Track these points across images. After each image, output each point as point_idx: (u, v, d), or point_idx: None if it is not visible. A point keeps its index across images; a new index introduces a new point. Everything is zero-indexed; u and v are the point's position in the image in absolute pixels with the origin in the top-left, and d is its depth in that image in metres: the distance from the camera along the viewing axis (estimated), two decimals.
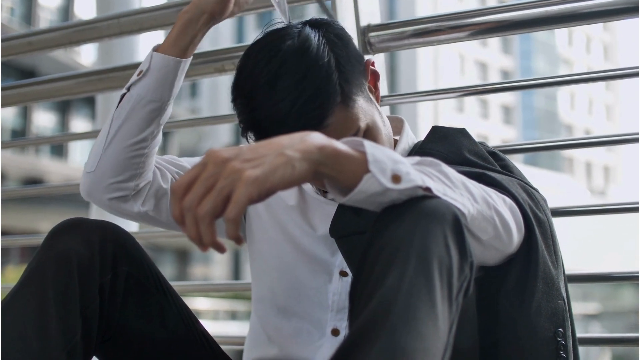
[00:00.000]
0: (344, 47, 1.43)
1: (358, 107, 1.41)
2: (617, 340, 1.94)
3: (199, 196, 1.02)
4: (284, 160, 1.03)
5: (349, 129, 1.40)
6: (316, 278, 1.55)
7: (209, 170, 1.03)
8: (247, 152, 1.04)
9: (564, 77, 1.97)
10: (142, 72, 1.50)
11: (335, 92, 1.37)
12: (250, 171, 1.00)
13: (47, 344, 1.26)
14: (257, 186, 1.00)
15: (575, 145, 1.99)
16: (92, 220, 1.41)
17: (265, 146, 1.05)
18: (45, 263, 1.32)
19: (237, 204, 0.99)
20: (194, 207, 1.02)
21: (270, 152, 1.04)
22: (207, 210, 1.01)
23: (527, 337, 1.33)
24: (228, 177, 1.01)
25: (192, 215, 1.02)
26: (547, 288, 1.35)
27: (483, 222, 1.19)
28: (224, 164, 1.02)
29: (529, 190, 1.41)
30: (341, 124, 1.38)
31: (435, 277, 1.03)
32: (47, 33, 2.46)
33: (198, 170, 1.04)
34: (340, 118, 1.38)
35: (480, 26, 1.90)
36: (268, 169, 1.01)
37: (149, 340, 1.44)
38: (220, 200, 1.01)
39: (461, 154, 1.45)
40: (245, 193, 0.99)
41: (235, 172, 1.01)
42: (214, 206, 1.01)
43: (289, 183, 1.04)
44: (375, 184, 1.08)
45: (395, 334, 0.97)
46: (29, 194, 3.26)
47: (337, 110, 1.37)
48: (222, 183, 1.01)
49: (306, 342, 1.55)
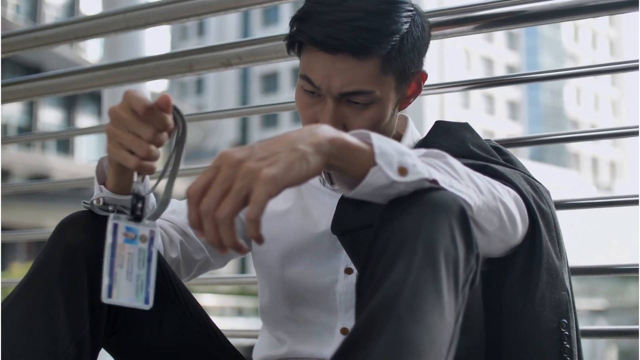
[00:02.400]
0: (420, 34, 1.44)
1: (385, 80, 1.41)
2: (619, 333, 1.93)
3: (216, 199, 1.02)
4: (298, 155, 1.03)
5: (366, 82, 1.39)
6: (322, 282, 1.54)
7: (224, 173, 1.03)
8: (260, 150, 1.04)
9: (565, 70, 1.98)
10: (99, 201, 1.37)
11: (386, 46, 1.37)
12: (266, 170, 1.01)
13: (56, 336, 1.26)
14: (275, 184, 1.00)
15: (576, 139, 1.99)
16: (100, 213, 1.41)
17: (276, 142, 1.05)
18: (53, 256, 1.32)
19: (258, 203, 0.99)
20: (212, 211, 1.02)
21: (282, 148, 1.04)
22: (227, 213, 1.01)
23: (531, 327, 1.33)
24: (245, 178, 1.01)
25: (211, 219, 1.02)
26: (551, 279, 1.35)
27: (489, 213, 1.19)
28: (239, 165, 1.03)
29: (532, 183, 1.41)
30: (367, 72, 1.39)
31: (441, 269, 1.04)
32: (53, 28, 2.45)
33: (212, 174, 1.04)
34: (369, 68, 1.38)
35: (485, 20, 1.90)
36: (284, 166, 1.02)
37: (158, 333, 1.44)
38: (239, 201, 1.01)
39: (465, 147, 1.45)
40: (265, 192, 1.00)
41: (251, 172, 1.01)
42: (233, 208, 1.01)
43: (305, 177, 1.04)
44: (382, 177, 1.09)
45: (401, 325, 0.98)
46: (33, 189, 3.27)
47: (372, 59, 1.38)
48: (239, 184, 1.01)
49: (316, 343, 1.55)
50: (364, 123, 1.41)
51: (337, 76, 1.38)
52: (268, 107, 2.38)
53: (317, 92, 1.43)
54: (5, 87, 2.64)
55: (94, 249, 1.33)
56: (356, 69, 1.38)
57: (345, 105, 1.42)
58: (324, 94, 1.41)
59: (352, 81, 1.38)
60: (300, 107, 1.48)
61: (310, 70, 1.42)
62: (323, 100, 1.43)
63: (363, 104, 1.41)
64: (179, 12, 2.20)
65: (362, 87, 1.39)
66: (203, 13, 2.22)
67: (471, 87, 2.03)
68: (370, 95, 1.40)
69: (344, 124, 1.42)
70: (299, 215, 1.60)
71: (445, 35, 1.93)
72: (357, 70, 1.38)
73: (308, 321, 1.56)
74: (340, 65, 1.38)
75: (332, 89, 1.40)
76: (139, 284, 1.19)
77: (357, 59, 1.37)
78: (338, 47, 1.36)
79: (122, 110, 1.20)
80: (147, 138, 1.19)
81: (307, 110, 1.46)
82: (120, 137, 1.20)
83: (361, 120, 1.42)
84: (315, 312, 1.56)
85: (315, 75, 1.41)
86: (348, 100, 1.41)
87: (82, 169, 22.87)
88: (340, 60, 1.38)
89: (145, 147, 1.19)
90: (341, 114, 1.42)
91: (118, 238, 1.19)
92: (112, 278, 1.16)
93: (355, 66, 1.37)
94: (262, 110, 2.41)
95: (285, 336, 1.60)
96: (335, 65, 1.38)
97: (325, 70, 1.39)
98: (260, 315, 1.67)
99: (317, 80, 1.41)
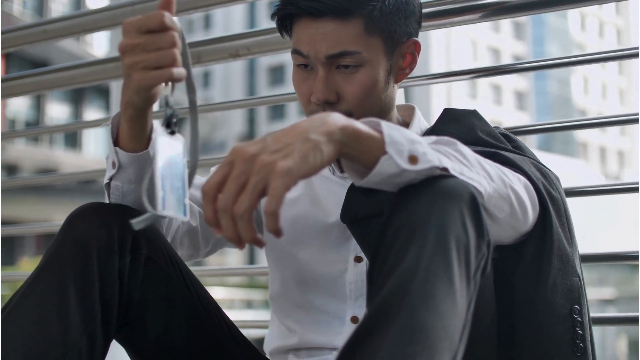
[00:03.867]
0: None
1: (371, 41, 1.44)
2: (628, 320, 1.93)
3: (233, 195, 1.02)
4: (312, 145, 1.04)
5: (351, 43, 1.43)
6: (332, 270, 1.55)
7: (239, 168, 1.03)
8: (272, 143, 1.04)
9: (572, 57, 1.97)
10: (115, 165, 1.39)
11: (367, 6, 1.41)
12: (282, 162, 1.01)
13: (68, 328, 1.27)
14: (291, 176, 1.01)
15: (581, 126, 1.99)
16: (110, 204, 1.41)
17: (288, 133, 1.05)
18: (64, 247, 1.32)
19: (276, 196, 1.00)
20: (230, 207, 1.02)
21: (295, 139, 1.04)
22: (246, 208, 1.01)
23: (543, 314, 1.33)
24: (260, 172, 1.01)
25: (229, 215, 1.02)
26: (563, 265, 1.35)
27: (499, 200, 1.19)
28: (253, 160, 1.03)
29: (541, 169, 1.41)
30: (350, 32, 1.42)
31: (453, 256, 1.04)
32: (61, 21, 2.45)
33: (226, 170, 1.04)
34: (353, 29, 1.42)
35: (492, 7, 1.89)
36: (299, 157, 1.02)
37: (169, 324, 1.44)
38: (256, 195, 1.01)
39: (474, 134, 1.45)
40: (282, 184, 1.00)
41: (266, 166, 1.01)
42: (251, 203, 1.01)
43: (320, 167, 1.05)
44: (392, 165, 1.09)
45: (414, 312, 0.98)
46: (41, 182, 3.28)
47: (355, 19, 1.42)
48: (256, 178, 1.01)
49: (326, 332, 1.55)
50: (355, 88, 1.45)
51: (323, 41, 1.43)
52: (275, 97, 2.39)
53: (309, 64, 1.47)
54: (13, 81, 2.65)
55: (105, 241, 1.33)
56: (339, 30, 1.42)
57: (336, 72, 1.45)
58: (313, 62, 1.45)
59: (337, 43, 1.42)
60: (296, 85, 1.52)
61: (299, 42, 1.46)
62: (315, 72, 1.46)
63: (353, 67, 1.44)
64: (187, 3, 2.21)
65: (347, 47, 1.43)
66: (212, 4, 2.22)
67: (477, 75, 2.02)
68: (356, 56, 1.43)
69: (337, 92, 1.45)
70: (308, 203, 1.60)
71: (452, 24, 1.93)
72: (340, 31, 1.42)
73: (318, 309, 1.57)
74: (324, 29, 1.42)
75: (320, 54, 1.44)
76: (179, 197, 1.18)
77: (340, 20, 1.42)
78: (320, 9, 1.41)
79: (135, 37, 1.19)
80: (169, 45, 1.19)
81: (302, 86, 1.50)
82: (144, 61, 1.19)
83: (353, 85, 1.45)
84: (325, 300, 1.56)
85: (303, 45, 1.45)
86: (338, 67, 1.45)
87: (90, 163, 22.96)
88: (324, 24, 1.42)
89: (172, 53, 1.19)
90: (333, 82, 1.45)
91: (164, 152, 1.18)
92: (164, 190, 1.15)
93: (339, 27, 1.42)
94: (268, 101, 2.43)
95: (295, 325, 1.60)
96: (319, 30, 1.43)
97: (311, 37, 1.44)
98: (270, 303, 1.68)
99: (305, 49, 1.45)
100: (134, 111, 1.29)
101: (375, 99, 1.47)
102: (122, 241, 1.36)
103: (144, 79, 1.20)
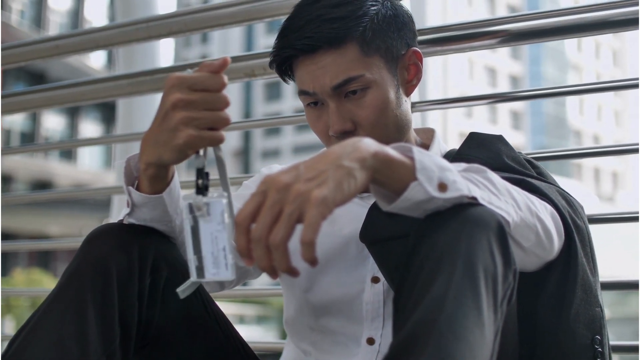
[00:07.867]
0: (392, 13, 1.48)
1: (371, 61, 1.44)
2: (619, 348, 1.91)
3: (267, 225, 1.01)
4: (345, 172, 1.03)
5: (352, 68, 1.43)
6: (349, 291, 1.52)
7: (273, 197, 1.02)
8: (306, 171, 1.03)
9: (568, 87, 2.03)
10: (129, 204, 1.38)
11: (357, 29, 1.42)
12: (317, 191, 1.00)
13: (86, 349, 1.25)
14: (327, 204, 1.00)
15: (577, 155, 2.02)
16: (131, 225, 1.40)
17: (321, 160, 1.04)
18: (83, 269, 1.31)
19: (312, 226, 0.98)
20: (265, 237, 1.01)
21: (328, 166, 1.03)
22: (281, 238, 1.00)
23: (565, 343, 1.33)
24: (295, 201, 1.00)
25: (264, 246, 1.01)
26: (585, 295, 1.35)
27: (526, 229, 1.19)
28: (288, 189, 1.01)
29: (567, 197, 1.41)
30: (348, 58, 1.42)
31: (481, 285, 1.03)
32: (74, 37, 2.44)
33: (259, 199, 1.03)
34: (349, 54, 1.42)
35: (510, 33, 1.90)
36: (333, 185, 1.01)
37: (187, 346, 1.43)
38: (291, 225, 1.00)
39: (500, 159, 1.45)
40: (318, 214, 0.99)
41: (301, 195, 1.00)
42: (286, 232, 1.00)
43: (353, 194, 1.04)
44: (422, 192, 1.08)
45: (443, 342, 0.97)
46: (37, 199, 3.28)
47: (349, 44, 1.42)
48: (291, 208, 1.00)
49: (342, 354, 1.53)
50: (368, 111, 1.45)
51: (324, 74, 1.43)
52: (272, 120, 2.45)
53: (318, 101, 1.47)
54: (12, 98, 2.66)
55: (125, 262, 1.32)
56: (337, 59, 1.42)
57: (346, 100, 1.45)
58: (321, 97, 1.45)
59: (339, 72, 1.43)
60: (311, 125, 1.51)
61: (303, 83, 1.47)
62: (326, 106, 1.46)
63: (361, 91, 1.44)
64: (201, 21, 2.22)
65: (349, 73, 1.43)
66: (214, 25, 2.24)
67: (496, 101, 2.04)
68: (361, 79, 1.43)
69: (352, 120, 1.45)
70: (325, 223, 1.59)
71: (472, 48, 1.93)
72: (338, 60, 1.42)
73: (333, 331, 1.55)
74: (323, 62, 1.43)
75: (325, 87, 1.44)
76: (224, 257, 1.16)
77: (335, 49, 1.42)
78: (313, 44, 1.41)
79: (187, 93, 1.16)
80: (225, 106, 1.17)
81: (317, 124, 1.50)
82: (199, 119, 1.16)
83: (365, 109, 1.45)
84: (341, 322, 1.54)
85: (307, 84, 1.46)
86: (346, 95, 1.45)
87: (85, 175, 22.93)
88: (321, 58, 1.43)
89: (227, 116, 1.17)
90: (345, 111, 1.45)
91: (195, 217, 1.16)
92: (198, 257, 1.14)
93: (336, 57, 1.42)
94: (266, 124, 2.47)
95: (310, 347, 1.58)
96: (318, 64, 1.43)
97: (312, 74, 1.44)
98: (285, 327, 1.66)
99: (310, 87, 1.45)
100: (158, 170, 1.28)
101: (390, 117, 1.47)
102: (142, 263, 1.35)
103: (194, 137, 1.17)
